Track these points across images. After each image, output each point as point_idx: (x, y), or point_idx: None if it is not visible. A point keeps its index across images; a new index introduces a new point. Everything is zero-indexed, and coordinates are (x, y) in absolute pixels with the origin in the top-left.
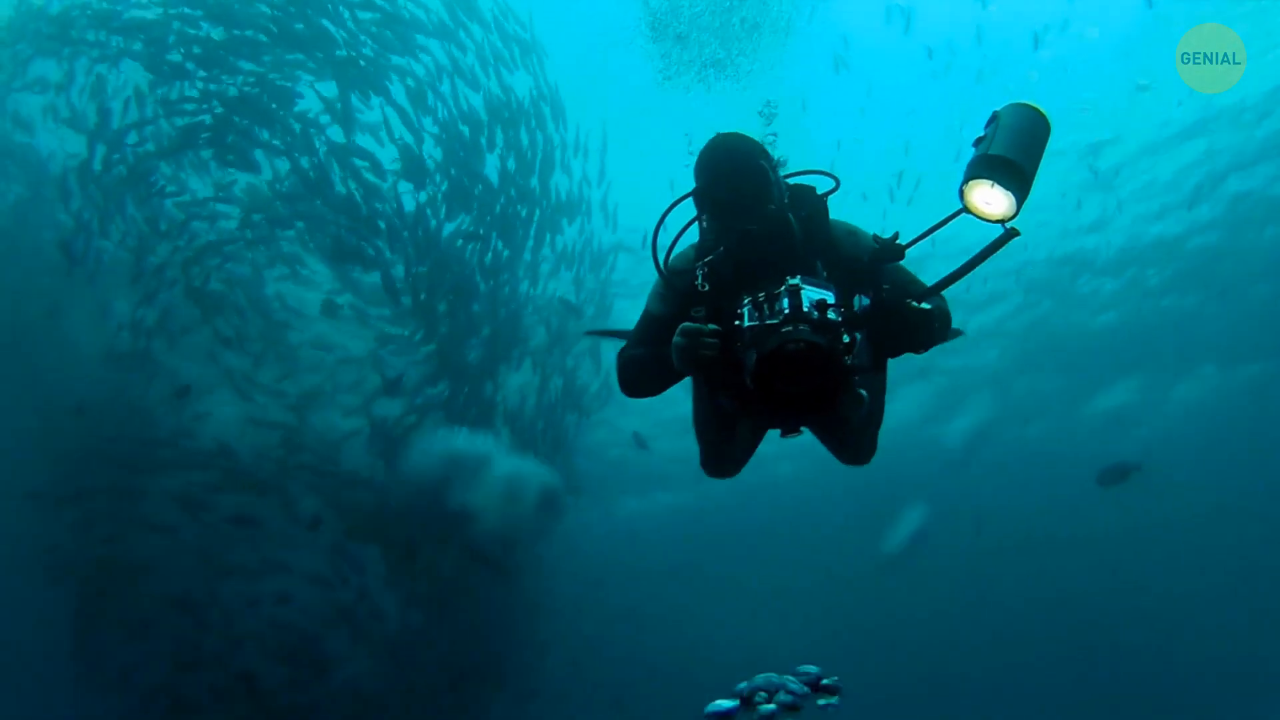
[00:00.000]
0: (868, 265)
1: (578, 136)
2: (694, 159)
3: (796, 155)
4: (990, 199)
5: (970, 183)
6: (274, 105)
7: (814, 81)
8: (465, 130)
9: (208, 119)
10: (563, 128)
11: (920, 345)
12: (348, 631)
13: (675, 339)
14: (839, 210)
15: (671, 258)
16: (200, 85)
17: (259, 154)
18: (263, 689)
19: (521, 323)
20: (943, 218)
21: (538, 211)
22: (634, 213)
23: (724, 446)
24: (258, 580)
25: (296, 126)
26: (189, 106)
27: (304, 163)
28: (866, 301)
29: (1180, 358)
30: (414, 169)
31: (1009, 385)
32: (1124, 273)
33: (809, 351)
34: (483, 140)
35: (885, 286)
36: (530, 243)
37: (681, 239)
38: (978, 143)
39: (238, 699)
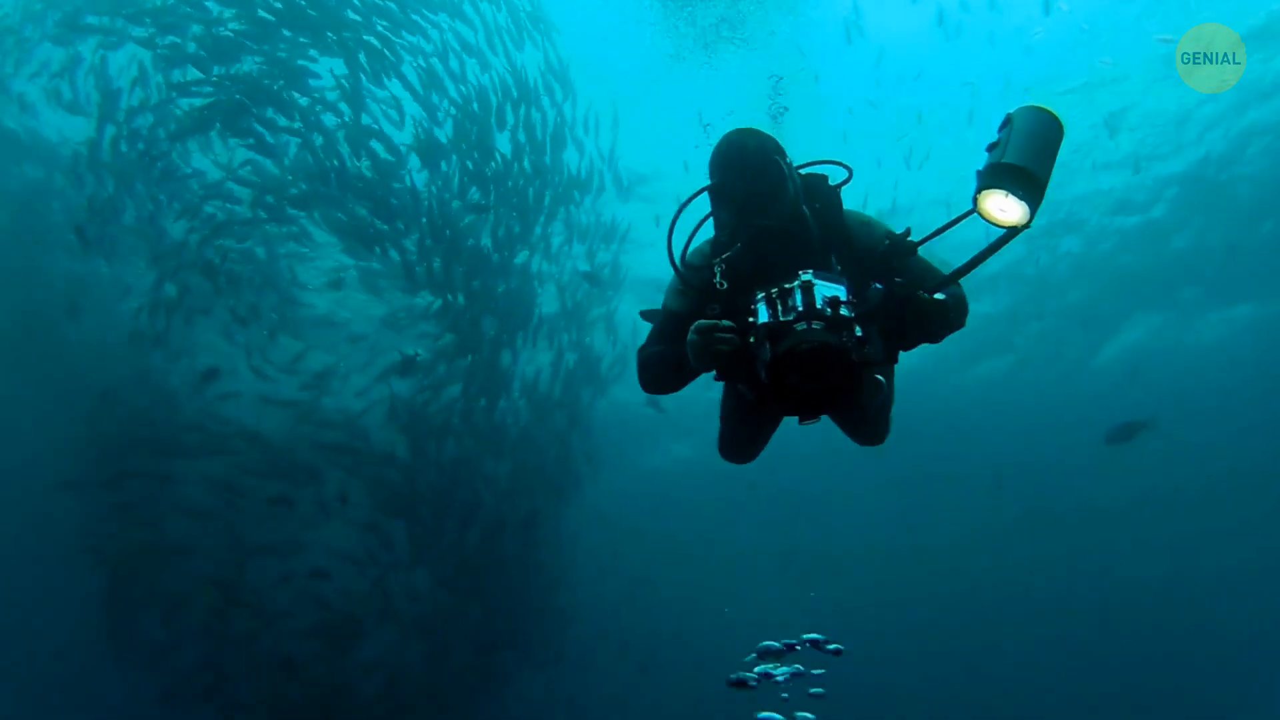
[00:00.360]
0: (881, 257)
1: (589, 112)
2: (709, 149)
3: (809, 124)
4: (1005, 206)
5: (984, 191)
6: (284, 85)
7: (825, 50)
8: (475, 107)
9: (220, 98)
10: (573, 102)
11: (934, 336)
12: (377, 606)
13: (690, 336)
14: (855, 185)
15: (688, 253)
16: (215, 70)
17: (271, 135)
18: (296, 663)
19: (537, 296)
20: (954, 217)
21: (548, 192)
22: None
23: (744, 433)
24: (289, 558)
25: (304, 100)
26: (206, 89)
27: (316, 140)
28: (879, 292)
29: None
30: (428, 146)
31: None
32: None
33: (821, 351)
34: (492, 120)
35: (898, 280)
36: (542, 216)
37: (697, 233)
38: (991, 148)
39: (272, 673)
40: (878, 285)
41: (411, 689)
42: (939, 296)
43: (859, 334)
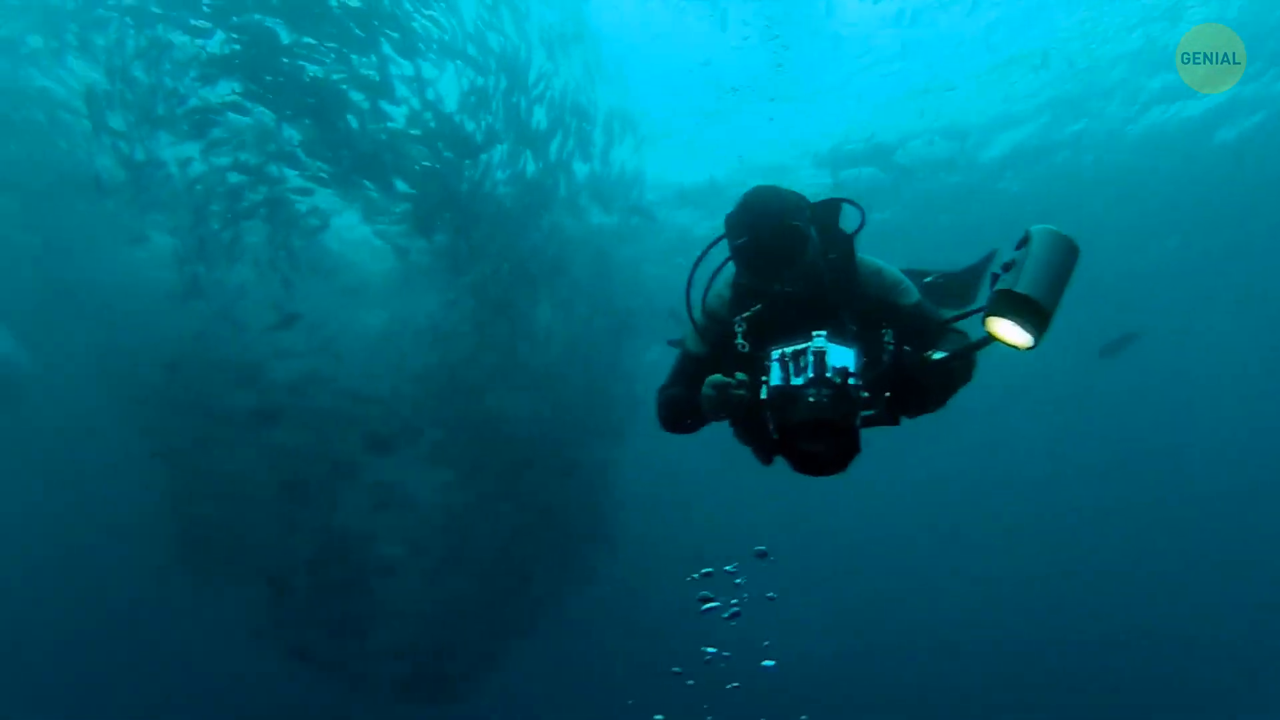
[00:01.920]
0: (889, 311)
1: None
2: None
3: None
4: (1014, 333)
5: (994, 317)
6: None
7: None
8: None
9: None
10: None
11: (935, 406)
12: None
13: (706, 389)
14: None
15: (709, 296)
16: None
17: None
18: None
19: (565, 250)
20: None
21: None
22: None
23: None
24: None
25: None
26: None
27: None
28: (887, 365)
29: None
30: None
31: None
32: None
33: (828, 422)
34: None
35: (906, 348)
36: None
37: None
38: (1007, 267)
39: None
40: (887, 351)
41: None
42: (940, 356)
43: (865, 396)
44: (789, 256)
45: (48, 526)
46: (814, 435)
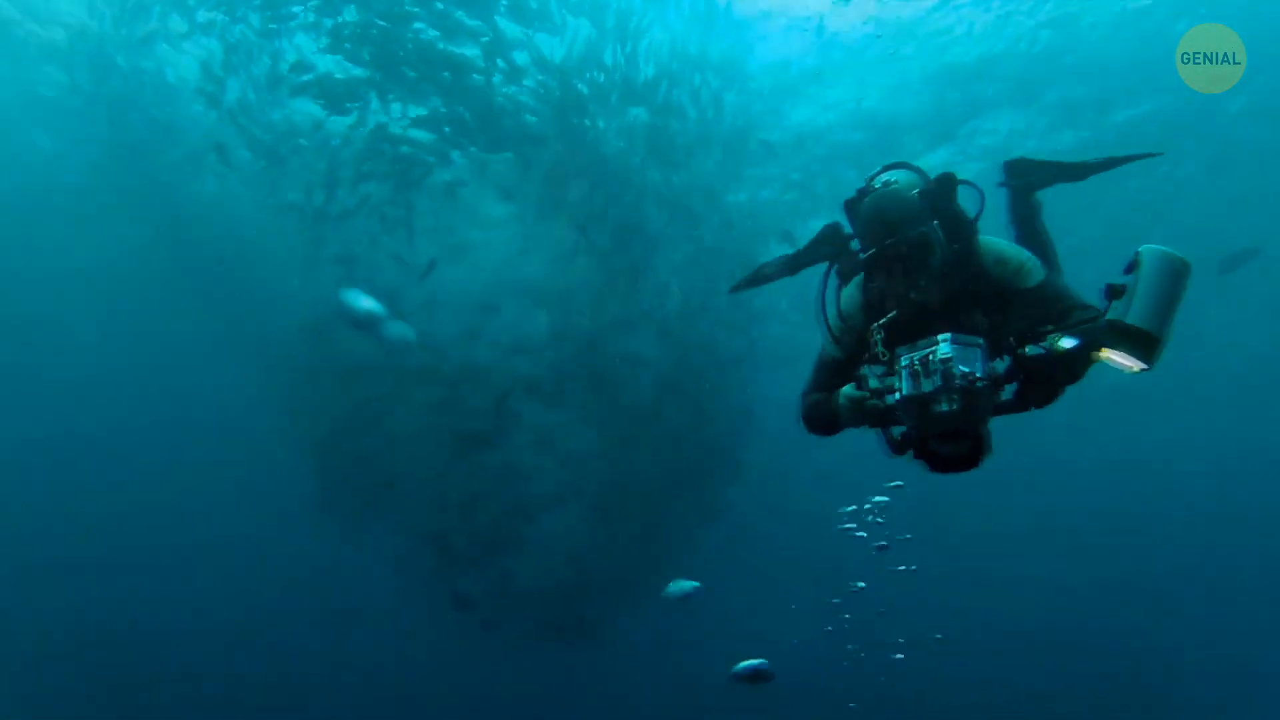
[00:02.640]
0: (1015, 297)
1: None
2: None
3: None
4: (1126, 360)
5: (1106, 349)
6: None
7: None
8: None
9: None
10: None
11: (1062, 389)
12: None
13: (842, 401)
14: None
15: (843, 300)
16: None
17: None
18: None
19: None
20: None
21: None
22: None
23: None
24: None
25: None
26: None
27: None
28: (1009, 364)
29: None
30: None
31: None
32: None
33: (956, 429)
34: None
35: (1028, 350)
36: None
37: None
38: (1116, 292)
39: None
40: (1013, 348)
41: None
42: (1070, 344)
43: (993, 395)
44: (919, 266)
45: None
46: (946, 439)
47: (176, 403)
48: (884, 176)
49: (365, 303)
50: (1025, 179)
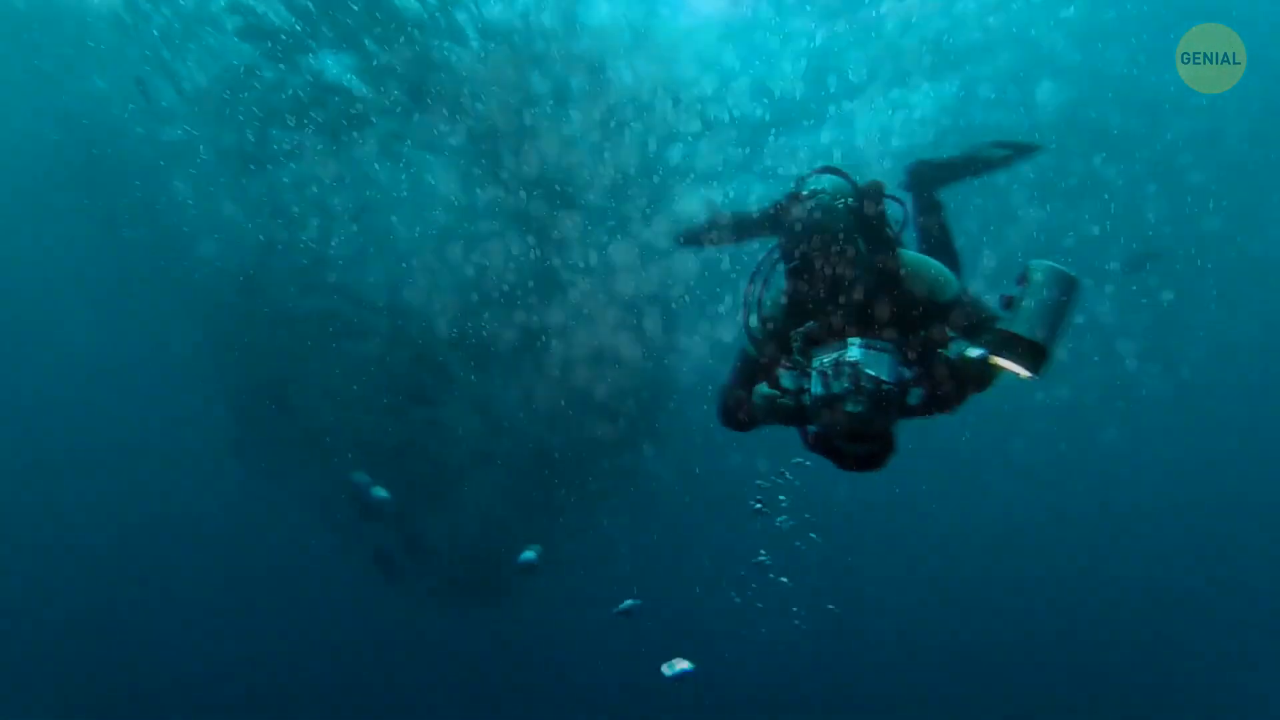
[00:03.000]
0: (926, 311)
1: None
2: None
3: None
4: (1016, 368)
5: (996, 356)
6: None
7: None
8: None
9: None
10: None
11: (968, 396)
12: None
13: (756, 399)
14: None
15: (765, 301)
16: None
17: None
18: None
19: None
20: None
21: None
22: None
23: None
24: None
25: None
26: None
27: None
28: (918, 368)
29: None
30: None
31: None
32: None
33: (863, 428)
34: None
35: (940, 351)
36: None
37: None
38: (1007, 303)
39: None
40: (926, 350)
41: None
42: (976, 353)
43: (901, 399)
44: (841, 278)
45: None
46: (854, 439)
47: (95, 342)
48: (814, 183)
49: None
50: (928, 180)
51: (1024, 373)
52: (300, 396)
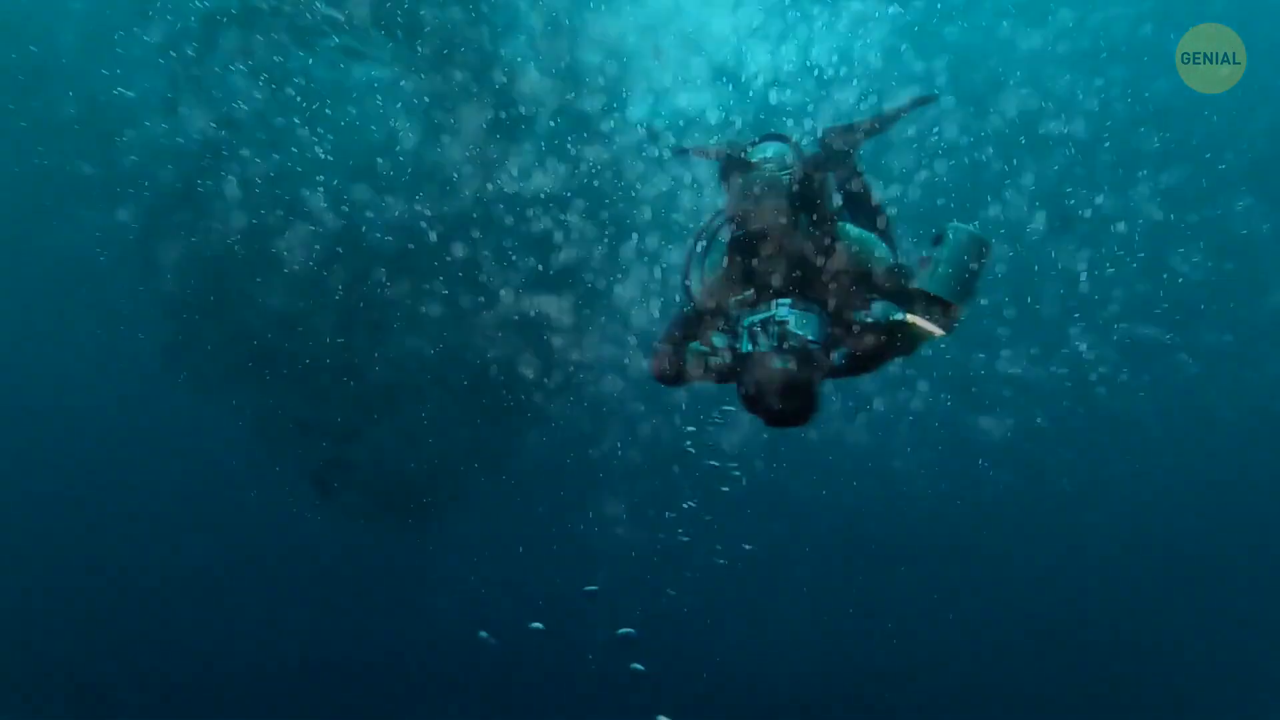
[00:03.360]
0: (860, 281)
1: None
2: None
3: None
4: (929, 325)
5: (910, 314)
6: None
7: None
8: None
9: None
10: None
11: (892, 357)
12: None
13: (688, 357)
14: None
15: (707, 266)
16: None
17: None
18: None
19: None
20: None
21: None
22: None
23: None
24: None
25: None
26: None
27: None
28: (844, 330)
29: None
30: None
31: None
32: None
33: (787, 385)
34: None
35: (860, 314)
36: None
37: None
38: (922, 265)
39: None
40: (850, 318)
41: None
42: (896, 316)
43: (826, 358)
44: (780, 250)
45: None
46: (779, 395)
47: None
48: (760, 151)
49: None
50: (842, 144)
51: (937, 330)
52: (238, 311)
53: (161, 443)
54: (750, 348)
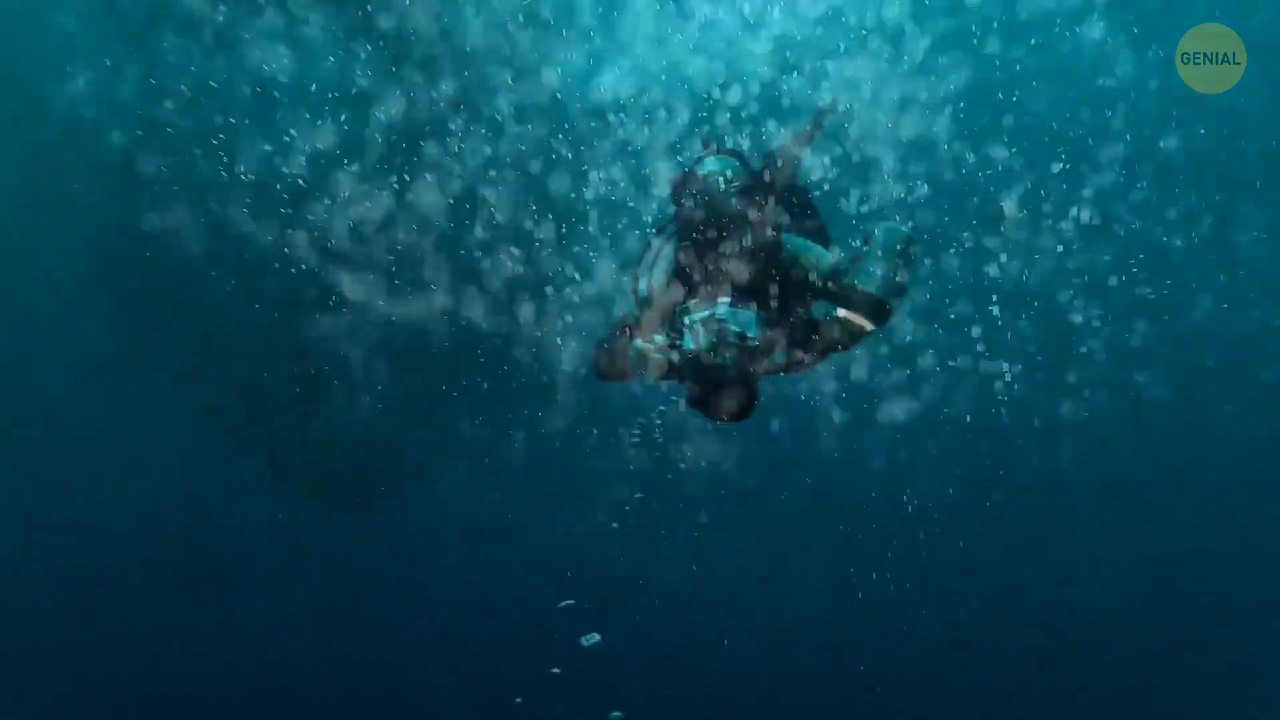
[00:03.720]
0: (802, 282)
1: None
2: None
3: None
4: (859, 320)
5: (841, 310)
6: None
7: None
8: None
9: None
10: None
11: (837, 352)
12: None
13: (632, 355)
14: None
15: (655, 270)
16: None
17: None
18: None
19: None
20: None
21: None
22: None
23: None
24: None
25: None
26: None
27: None
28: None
29: None
30: None
31: None
32: None
33: (729, 380)
34: None
35: (801, 313)
36: None
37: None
38: (853, 263)
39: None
40: (792, 311)
41: None
42: (831, 314)
43: (764, 354)
44: (725, 261)
45: None
46: (719, 390)
47: None
48: (708, 165)
49: None
50: (786, 164)
51: (868, 325)
52: (192, 294)
53: (109, 430)
54: (691, 345)
